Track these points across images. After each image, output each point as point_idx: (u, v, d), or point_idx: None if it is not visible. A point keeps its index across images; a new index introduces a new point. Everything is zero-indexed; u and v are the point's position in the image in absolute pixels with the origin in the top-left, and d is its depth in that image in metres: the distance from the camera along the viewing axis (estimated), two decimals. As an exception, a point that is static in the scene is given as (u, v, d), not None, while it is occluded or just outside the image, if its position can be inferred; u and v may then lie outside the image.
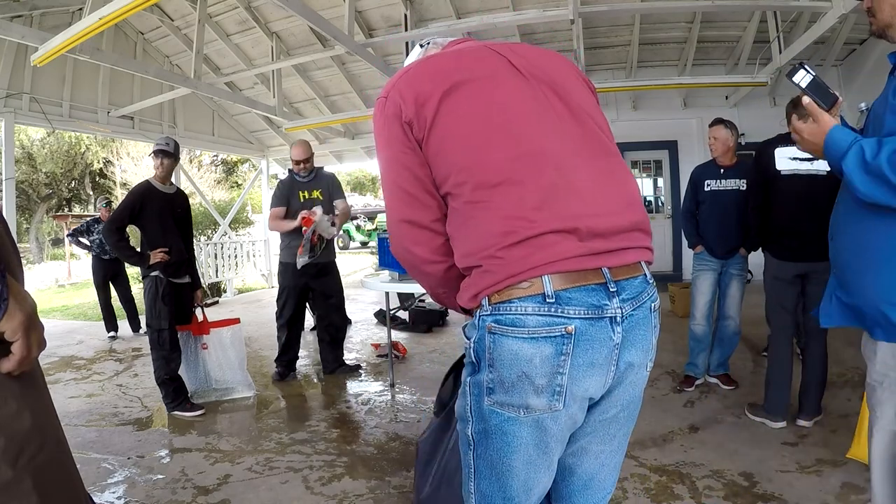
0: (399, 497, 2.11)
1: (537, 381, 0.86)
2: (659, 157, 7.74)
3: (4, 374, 0.70)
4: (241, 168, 20.98)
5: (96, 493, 2.21)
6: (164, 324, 3.06)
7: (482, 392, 0.90)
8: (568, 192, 0.88)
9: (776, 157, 2.54)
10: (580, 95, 1.02)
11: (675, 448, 2.43)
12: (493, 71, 0.97)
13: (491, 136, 0.91)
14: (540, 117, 0.94)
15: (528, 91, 0.96)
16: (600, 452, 0.99)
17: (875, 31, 1.31)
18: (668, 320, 5.07)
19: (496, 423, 0.90)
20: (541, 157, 0.90)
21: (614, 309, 0.87)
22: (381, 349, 4.28)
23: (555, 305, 0.85)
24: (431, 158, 0.94)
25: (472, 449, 0.94)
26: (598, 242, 0.88)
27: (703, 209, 3.16)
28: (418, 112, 0.93)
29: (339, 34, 4.84)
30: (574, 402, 0.89)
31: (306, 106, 8.32)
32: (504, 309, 0.86)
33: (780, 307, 2.60)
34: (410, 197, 0.96)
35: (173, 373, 3.11)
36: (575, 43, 5.46)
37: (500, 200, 0.88)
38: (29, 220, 17.41)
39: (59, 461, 0.78)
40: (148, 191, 3.12)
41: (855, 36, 6.25)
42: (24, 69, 5.55)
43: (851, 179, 1.19)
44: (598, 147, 0.98)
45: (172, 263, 3.10)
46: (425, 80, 0.95)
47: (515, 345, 0.86)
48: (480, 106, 0.93)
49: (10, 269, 0.75)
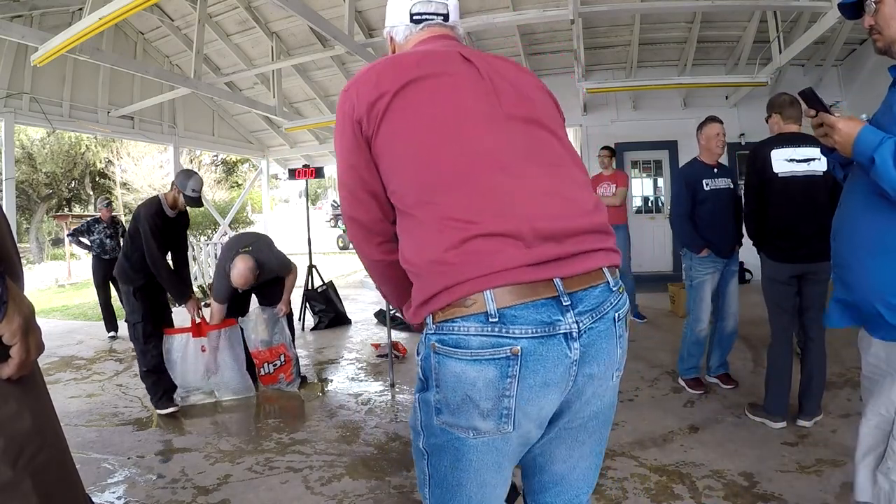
0: (399, 497, 2.11)
1: (482, 405, 0.82)
2: (659, 157, 7.74)
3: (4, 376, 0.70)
4: (241, 168, 20.98)
5: (96, 493, 2.21)
6: (137, 317, 3.15)
7: (431, 410, 0.88)
8: (514, 194, 0.85)
9: (773, 160, 2.54)
10: (543, 106, 1.01)
11: (675, 448, 2.43)
12: (452, 70, 0.96)
13: (438, 132, 0.90)
14: (491, 119, 0.92)
15: (483, 94, 0.94)
16: (569, 457, 0.97)
17: (881, 47, 1.32)
18: (668, 320, 5.07)
19: (447, 440, 0.87)
20: (487, 158, 0.87)
21: (569, 324, 0.82)
22: (381, 349, 4.28)
23: (498, 325, 0.79)
24: (379, 155, 0.93)
25: (426, 459, 0.92)
26: (548, 247, 0.82)
27: (705, 210, 3.07)
28: (370, 109, 0.92)
29: (339, 34, 4.84)
30: (528, 422, 0.85)
31: (306, 106, 8.33)
32: (447, 328, 0.83)
33: (777, 308, 2.60)
34: (354, 197, 0.98)
35: (150, 365, 3.14)
36: (575, 43, 5.46)
37: (442, 201, 0.86)
38: (29, 220, 17.39)
39: (59, 461, 0.78)
40: (159, 215, 3.17)
41: (855, 36, 6.25)
42: (24, 69, 5.56)
43: (884, 168, 1.20)
44: (552, 154, 0.95)
45: (155, 281, 3.18)
46: (385, 78, 0.93)
47: (458, 366, 0.82)
48: (432, 102, 0.92)
49: (12, 270, 0.75)
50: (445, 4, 1.10)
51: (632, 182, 7.42)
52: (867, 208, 1.31)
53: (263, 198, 10.54)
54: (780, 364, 2.58)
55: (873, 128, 1.26)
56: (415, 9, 1.08)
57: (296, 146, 9.56)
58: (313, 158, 9.81)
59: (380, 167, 0.94)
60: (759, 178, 2.59)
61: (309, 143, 9.42)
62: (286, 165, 10.12)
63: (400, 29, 1.11)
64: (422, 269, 0.87)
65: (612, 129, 7.54)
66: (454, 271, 0.82)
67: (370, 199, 0.97)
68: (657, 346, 4.20)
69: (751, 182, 2.66)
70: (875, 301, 1.29)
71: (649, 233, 7.62)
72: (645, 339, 4.40)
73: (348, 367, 4.06)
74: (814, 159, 2.49)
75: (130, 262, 3.20)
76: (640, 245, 7.24)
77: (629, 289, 5.13)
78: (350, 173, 0.97)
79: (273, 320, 3.52)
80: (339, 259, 13.20)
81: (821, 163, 2.47)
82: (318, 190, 30.36)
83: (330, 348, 4.69)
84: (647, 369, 3.62)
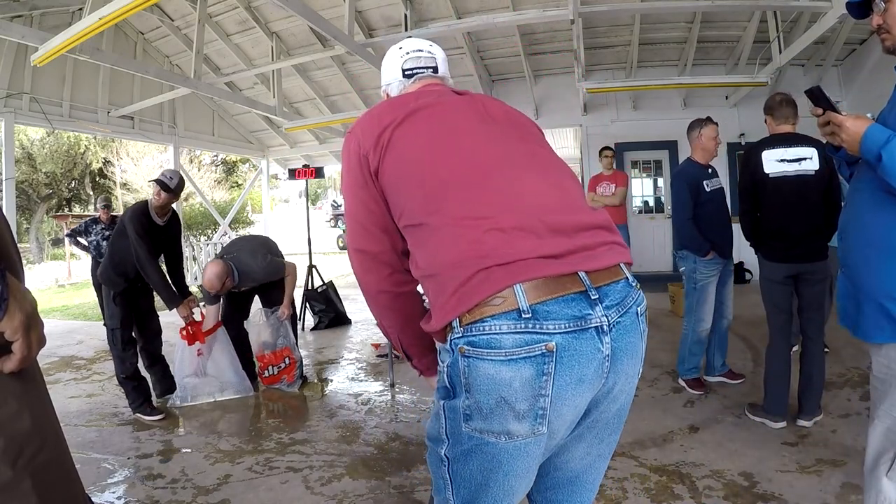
0: (399, 497, 2.11)
1: (518, 406, 0.80)
2: (659, 157, 7.75)
3: (5, 373, 0.70)
4: (241, 168, 20.98)
5: (96, 493, 2.21)
6: (115, 323, 3.12)
7: (459, 418, 0.85)
8: (519, 193, 0.90)
9: (764, 161, 2.54)
10: (532, 129, 1.10)
11: (675, 448, 2.42)
12: (446, 100, 1.06)
13: (440, 148, 0.96)
14: (488, 135, 1.00)
15: (476, 115, 1.03)
16: (587, 454, 0.97)
17: (889, 46, 1.32)
18: (669, 320, 5.07)
19: (476, 447, 0.85)
20: (489, 165, 0.93)
21: (599, 318, 0.82)
22: (381, 349, 4.28)
23: (532, 321, 0.79)
24: (386, 185, 0.98)
25: (446, 467, 0.90)
26: (560, 240, 0.85)
27: (707, 211, 3.05)
28: (376, 142, 0.99)
29: (339, 34, 4.84)
30: (560, 423, 0.84)
31: (306, 106, 8.33)
32: (477, 329, 0.81)
33: (775, 308, 2.61)
34: (363, 228, 1.02)
35: (128, 372, 3.12)
36: (575, 43, 5.46)
37: (450, 205, 0.89)
38: (29, 220, 17.39)
39: (59, 461, 0.78)
40: (145, 215, 3.10)
41: (855, 36, 6.25)
42: (24, 69, 5.56)
43: (892, 165, 1.21)
44: (548, 163, 1.01)
45: (139, 287, 3.16)
46: (386, 114, 1.02)
47: (492, 368, 0.80)
48: (431, 125, 1.00)
49: (12, 268, 0.75)
50: (434, 58, 1.21)
51: (632, 182, 7.42)
52: (875, 206, 1.31)
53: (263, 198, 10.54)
54: (778, 364, 2.58)
55: (880, 126, 1.26)
56: (406, 65, 1.20)
57: (296, 146, 9.57)
58: (313, 158, 9.82)
59: (388, 196, 0.99)
60: (751, 180, 2.60)
61: (309, 143, 9.43)
62: (286, 165, 10.13)
63: (394, 85, 1.21)
64: (440, 270, 0.87)
65: (612, 129, 7.55)
66: (477, 259, 0.83)
67: (380, 232, 1.01)
68: (657, 346, 4.19)
69: (744, 183, 2.67)
70: (883, 300, 1.28)
71: (649, 233, 7.62)
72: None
73: (348, 367, 4.06)
74: (805, 159, 2.49)
75: (112, 264, 3.15)
76: (640, 245, 7.25)
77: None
78: (359, 207, 1.01)
79: (277, 324, 3.53)
80: (340, 259, 13.19)
81: (812, 162, 2.48)
82: (318, 190, 30.37)
83: (330, 348, 4.69)
84: (647, 369, 3.62)
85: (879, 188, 1.28)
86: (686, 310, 3.20)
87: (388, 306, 1.05)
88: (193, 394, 3.33)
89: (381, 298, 1.04)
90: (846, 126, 1.30)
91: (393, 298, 1.03)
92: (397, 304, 1.03)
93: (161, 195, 3.11)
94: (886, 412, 1.33)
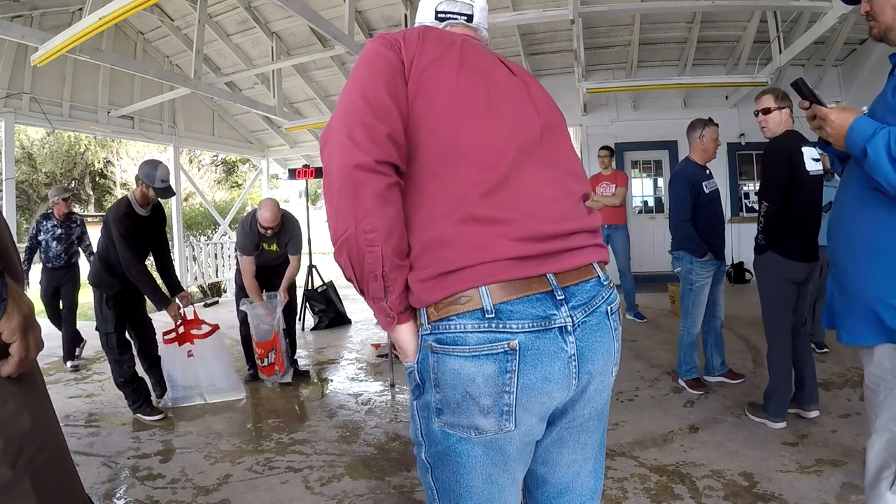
0: (399, 497, 2.11)
1: (482, 402, 0.81)
2: (659, 157, 7.75)
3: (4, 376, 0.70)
4: (242, 168, 20.97)
5: (96, 494, 2.21)
6: (110, 327, 3.07)
7: (431, 413, 0.86)
8: (521, 192, 0.86)
9: (805, 158, 2.46)
10: (559, 115, 1.04)
11: (675, 448, 2.42)
12: (490, 58, 0.98)
13: (471, 112, 0.88)
14: (521, 110, 0.94)
15: (514, 87, 0.97)
16: (573, 462, 0.95)
17: (876, 34, 1.29)
18: (669, 320, 5.07)
19: (450, 445, 0.86)
20: (505, 150, 0.87)
21: (563, 318, 0.83)
22: (381, 349, 4.28)
23: (495, 320, 0.80)
24: (409, 103, 0.88)
25: (429, 472, 0.90)
26: (539, 245, 0.84)
27: (706, 212, 3.05)
28: (418, 55, 0.89)
29: (339, 34, 4.84)
30: (530, 419, 0.84)
31: (306, 106, 8.33)
32: (443, 327, 0.82)
33: (783, 309, 2.56)
34: (369, 107, 0.82)
35: (126, 375, 3.09)
36: (575, 43, 5.46)
37: (455, 177, 0.84)
38: (29, 220, 17.37)
39: (59, 462, 0.78)
40: (129, 216, 3.04)
41: (855, 36, 6.25)
42: (24, 69, 5.55)
43: (876, 160, 1.15)
44: (563, 163, 0.96)
45: (131, 288, 3.10)
46: (430, 40, 0.93)
47: (457, 363, 0.82)
48: (475, 73, 0.92)
49: (12, 269, 0.75)
50: (471, 5, 1.10)
51: (632, 182, 7.42)
52: (863, 204, 1.25)
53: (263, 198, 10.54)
54: (787, 366, 2.56)
55: (867, 118, 1.22)
56: (440, 7, 1.09)
57: (296, 146, 9.56)
58: (313, 158, 9.80)
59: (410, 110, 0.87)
60: (789, 177, 2.43)
61: (309, 143, 9.42)
62: (286, 165, 10.12)
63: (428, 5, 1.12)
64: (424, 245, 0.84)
65: (612, 129, 7.55)
66: (456, 254, 0.82)
67: (389, 138, 0.82)
68: (657, 346, 4.19)
69: (779, 180, 2.45)
70: (874, 304, 1.24)
71: (649, 233, 7.62)
72: (645, 339, 4.40)
73: (348, 367, 4.06)
74: (818, 158, 2.51)
75: (106, 264, 3.06)
76: (640, 245, 7.25)
77: (629, 288, 5.13)
78: (380, 90, 0.84)
79: (274, 306, 3.58)
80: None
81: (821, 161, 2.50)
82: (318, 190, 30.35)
83: (330, 348, 4.69)
84: (647, 369, 3.62)
85: (867, 185, 1.22)
86: (682, 311, 3.20)
87: (382, 196, 0.79)
88: (185, 394, 3.31)
89: (373, 182, 0.78)
90: (830, 119, 1.26)
91: (389, 187, 0.81)
92: (392, 195, 0.81)
93: (149, 196, 3.08)
94: (884, 426, 1.28)
